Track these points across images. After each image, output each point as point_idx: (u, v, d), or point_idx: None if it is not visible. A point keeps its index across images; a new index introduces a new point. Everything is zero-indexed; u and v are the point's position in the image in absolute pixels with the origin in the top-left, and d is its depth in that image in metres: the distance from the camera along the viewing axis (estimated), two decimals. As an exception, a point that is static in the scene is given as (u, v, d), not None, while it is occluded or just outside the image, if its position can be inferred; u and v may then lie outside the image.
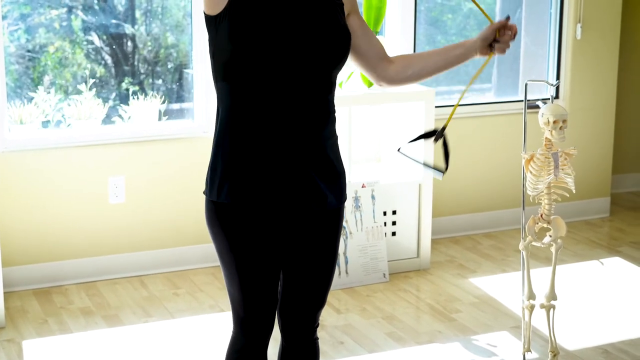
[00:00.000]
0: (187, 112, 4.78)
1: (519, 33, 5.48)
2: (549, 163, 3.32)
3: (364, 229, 4.52)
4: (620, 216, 5.72)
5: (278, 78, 2.33)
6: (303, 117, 2.37)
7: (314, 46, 2.35)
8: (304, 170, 2.40)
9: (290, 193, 2.39)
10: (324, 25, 2.38)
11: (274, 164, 2.37)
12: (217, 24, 2.35)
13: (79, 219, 4.50)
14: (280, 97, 2.34)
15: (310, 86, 2.37)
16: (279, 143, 2.36)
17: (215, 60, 2.39)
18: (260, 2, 2.33)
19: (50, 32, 4.55)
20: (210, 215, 2.45)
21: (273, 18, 2.32)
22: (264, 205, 2.38)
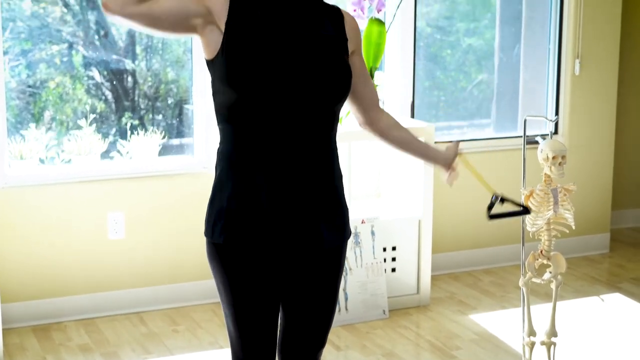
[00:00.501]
0: (187, 147, 4.79)
1: (519, 69, 5.50)
2: (549, 199, 3.32)
3: (363, 265, 4.51)
4: (620, 252, 5.71)
5: (278, 117, 2.32)
6: (305, 156, 2.36)
7: (314, 83, 2.33)
8: (306, 210, 2.38)
9: (290, 233, 2.38)
10: (324, 61, 2.36)
11: (276, 204, 2.35)
12: (214, 66, 2.35)
13: (78, 254, 4.49)
14: (281, 137, 2.33)
15: (311, 123, 2.36)
16: (281, 183, 2.35)
17: (216, 102, 2.39)
18: (256, 39, 2.32)
19: (51, 68, 4.57)
20: (210, 254, 2.44)
21: (270, 56, 2.30)
22: (264, 245, 2.37)
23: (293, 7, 2.37)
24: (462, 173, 3.11)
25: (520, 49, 5.51)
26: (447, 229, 5.22)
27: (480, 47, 5.50)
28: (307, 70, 2.33)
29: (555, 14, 5.45)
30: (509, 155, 5.32)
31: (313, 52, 2.36)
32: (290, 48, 2.33)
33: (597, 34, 5.46)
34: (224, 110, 2.36)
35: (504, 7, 5.47)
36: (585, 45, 5.43)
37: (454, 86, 5.50)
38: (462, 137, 5.37)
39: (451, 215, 5.22)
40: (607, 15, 5.48)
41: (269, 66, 2.29)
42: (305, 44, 2.36)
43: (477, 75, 5.54)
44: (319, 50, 2.37)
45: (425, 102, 5.33)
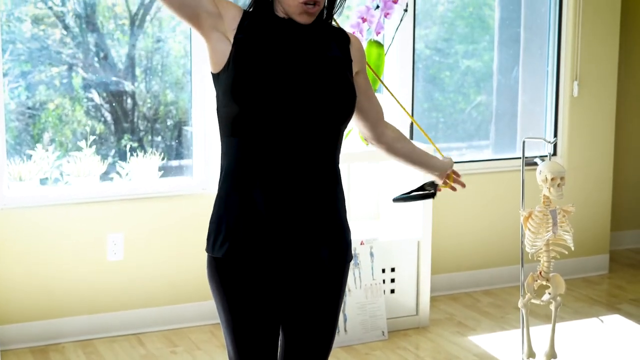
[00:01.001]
0: (186, 169, 4.79)
1: (517, 91, 5.52)
2: (548, 220, 3.33)
3: (362, 287, 4.50)
4: (619, 273, 5.71)
5: (281, 133, 2.33)
6: (307, 174, 2.37)
7: (318, 102, 2.34)
8: (306, 229, 2.39)
9: (290, 251, 2.38)
10: (329, 81, 2.38)
11: (277, 221, 2.36)
12: (220, 80, 2.36)
13: (77, 276, 4.49)
14: (284, 154, 2.34)
15: (314, 142, 2.37)
16: (282, 199, 2.35)
17: (220, 115, 2.40)
18: (262, 56, 2.34)
19: (50, 90, 4.58)
20: (210, 271, 2.43)
21: (275, 73, 2.32)
22: (264, 262, 2.37)
23: (301, 28, 2.40)
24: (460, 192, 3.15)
25: (518, 71, 5.53)
26: (446, 250, 5.22)
27: (479, 69, 5.51)
28: (311, 89, 2.34)
29: (553, 37, 5.47)
30: (507, 177, 5.32)
31: (318, 72, 2.38)
32: (296, 67, 2.35)
33: (595, 56, 5.48)
34: (228, 123, 2.37)
35: (502, 29, 5.49)
36: (583, 67, 5.45)
37: (453, 108, 5.51)
38: (461, 159, 5.38)
39: (450, 237, 5.22)
40: (605, 37, 5.50)
41: (274, 83, 2.31)
42: (311, 64, 2.38)
43: (475, 97, 5.55)
44: (324, 71, 2.39)
45: (424, 123, 5.34)
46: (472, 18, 5.50)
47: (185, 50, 4.75)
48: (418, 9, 5.14)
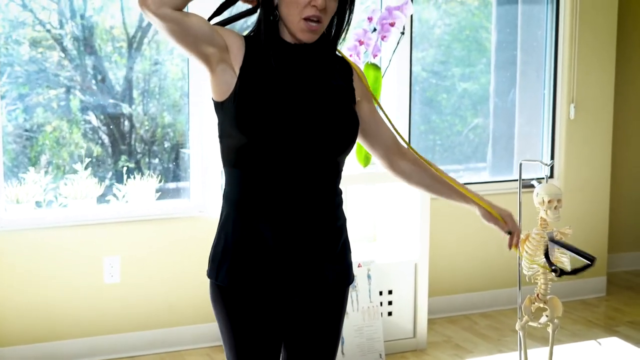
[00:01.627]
0: (183, 191, 4.80)
1: (514, 113, 5.53)
2: (545, 243, 3.33)
3: (360, 309, 4.49)
4: (616, 296, 5.70)
5: (285, 163, 2.33)
6: (311, 201, 2.37)
7: (322, 132, 2.35)
8: (310, 255, 2.39)
9: (294, 278, 2.39)
10: (333, 111, 2.39)
11: (281, 249, 2.36)
12: (224, 109, 2.35)
13: (73, 298, 4.48)
14: (288, 182, 2.34)
15: (317, 170, 2.37)
16: (286, 227, 2.36)
17: (223, 145, 2.40)
18: (268, 86, 2.33)
19: (48, 112, 4.59)
20: (214, 297, 2.44)
21: (281, 104, 2.32)
22: (268, 289, 2.37)
23: (306, 56, 2.41)
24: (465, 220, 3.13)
25: (515, 93, 5.54)
26: (443, 272, 5.21)
27: (476, 91, 5.53)
28: (316, 119, 2.35)
29: (549, 59, 5.49)
30: (504, 199, 5.30)
31: (323, 101, 2.38)
32: (301, 96, 2.36)
33: (592, 79, 5.50)
34: (232, 153, 2.37)
35: (498, 52, 5.51)
36: (580, 90, 5.47)
37: (450, 130, 5.52)
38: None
39: (447, 259, 5.22)
40: (601, 59, 5.52)
41: (280, 113, 2.31)
42: (316, 93, 2.38)
43: (472, 119, 5.56)
44: (329, 100, 2.40)
45: (421, 146, 5.35)
46: (469, 41, 5.52)
47: (182, 73, 4.76)
48: (415, 32, 5.16)
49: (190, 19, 2.30)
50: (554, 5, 5.45)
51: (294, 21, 2.35)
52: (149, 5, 2.25)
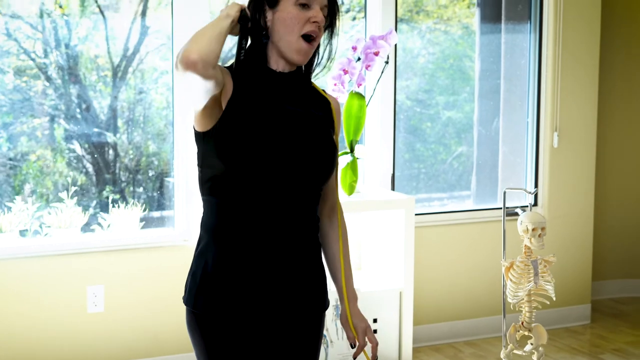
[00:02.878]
0: (167, 220, 4.79)
1: (498, 141, 5.55)
2: (529, 270, 3.33)
3: (345, 338, 4.48)
4: (601, 323, 5.71)
5: (265, 193, 2.34)
6: (289, 231, 2.39)
7: (302, 163, 2.37)
8: (288, 283, 2.41)
9: (272, 306, 2.39)
10: (315, 141, 2.41)
11: (258, 277, 2.37)
12: (206, 140, 2.36)
13: (56, 328, 4.45)
14: (267, 212, 2.35)
15: (297, 200, 2.39)
16: (264, 256, 2.37)
17: (204, 174, 2.40)
18: (252, 116, 2.35)
19: (32, 141, 4.58)
20: (191, 324, 2.43)
21: (264, 134, 2.33)
22: (246, 318, 2.37)
23: (288, 86, 2.43)
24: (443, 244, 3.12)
25: (499, 122, 5.57)
26: (428, 300, 5.21)
27: (460, 120, 5.55)
28: (297, 150, 2.37)
29: (533, 88, 5.52)
30: (489, 227, 5.34)
31: (304, 131, 2.41)
32: (283, 126, 2.37)
33: (575, 107, 5.54)
34: (212, 182, 2.37)
35: (482, 81, 5.54)
36: (563, 118, 5.50)
37: (434, 158, 5.54)
38: (443, 209, 5.40)
39: (432, 287, 5.22)
40: (584, 88, 5.56)
41: (263, 143, 2.32)
42: (298, 123, 2.40)
43: (456, 147, 5.58)
44: (310, 130, 2.42)
45: (406, 174, 5.36)
46: (453, 70, 5.55)
47: (167, 102, 4.76)
48: (399, 61, 5.19)
49: (217, 72, 2.29)
50: (536, 34, 5.49)
51: (292, 40, 2.38)
52: (197, 68, 2.20)
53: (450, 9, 5.50)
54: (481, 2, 5.51)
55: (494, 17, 5.51)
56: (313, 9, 2.38)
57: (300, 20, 2.37)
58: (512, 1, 5.51)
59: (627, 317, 5.82)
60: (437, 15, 5.47)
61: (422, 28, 5.42)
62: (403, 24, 5.28)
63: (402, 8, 5.27)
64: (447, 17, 5.49)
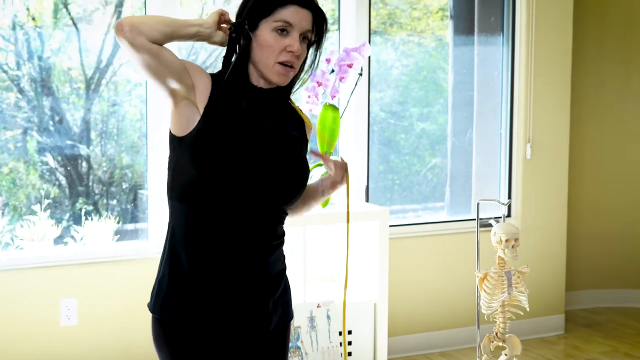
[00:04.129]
0: (141, 232, 4.77)
1: (471, 153, 5.57)
2: (503, 281, 3.34)
3: (319, 349, 4.48)
4: (575, 333, 5.73)
5: (235, 205, 2.34)
6: (256, 241, 2.40)
7: (274, 180, 2.37)
8: (253, 293, 2.41)
9: (237, 315, 2.40)
10: (289, 159, 2.42)
11: (224, 286, 2.37)
12: (182, 145, 2.36)
13: (29, 341, 4.42)
14: (235, 223, 2.36)
15: (266, 213, 2.40)
16: (230, 265, 2.37)
17: (175, 180, 2.39)
18: (231, 128, 2.35)
19: (4, 153, 4.55)
20: (155, 331, 2.44)
21: (241, 146, 2.34)
22: (211, 326, 2.38)
23: (267, 102, 2.44)
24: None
25: (472, 133, 5.60)
26: (402, 312, 5.21)
27: (434, 131, 5.57)
28: (270, 167, 2.37)
29: (506, 100, 5.55)
30: (462, 238, 5.35)
31: (280, 149, 2.41)
32: (260, 141, 2.38)
33: (548, 119, 5.57)
34: (183, 189, 2.36)
35: (455, 92, 5.57)
36: (536, 130, 5.53)
37: (408, 170, 5.55)
38: (417, 220, 5.41)
39: (406, 299, 5.22)
40: (557, 99, 5.60)
41: (239, 155, 2.33)
42: (274, 140, 2.41)
43: (430, 159, 5.60)
44: (286, 149, 2.43)
45: (380, 185, 5.37)
46: (427, 81, 5.58)
47: (141, 114, 4.75)
48: (373, 73, 5.20)
49: (164, 54, 2.32)
50: (509, 46, 5.52)
51: (269, 65, 2.38)
52: (125, 34, 2.26)
53: (424, 22, 5.53)
54: (454, 15, 5.54)
55: (466, 29, 5.54)
56: (291, 37, 2.37)
57: (276, 49, 2.37)
58: (485, 13, 5.54)
59: (601, 327, 5.85)
60: (411, 28, 5.49)
61: (396, 40, 5.44)
62: (377, 36, 5.30)
63: (375, 20, 5.29)
64: (420, 30, 5.52)
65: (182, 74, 2.34)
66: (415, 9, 5.48)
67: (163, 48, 2.32)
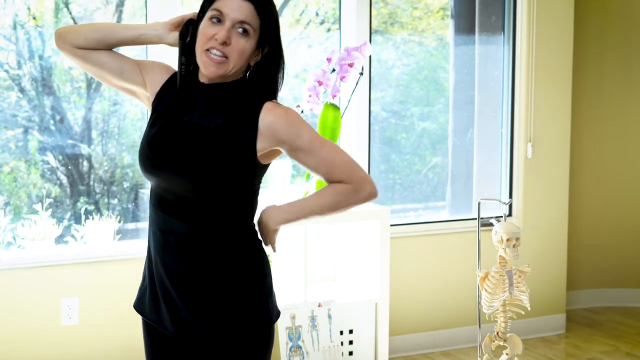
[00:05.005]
0: (142, 231, 4.77)
1: (472, 152, 5.57)
2: (504, 281, 3.35)
3: (320, 349, 4.48)
4: (576, 332, 5.73)
5: (157, 199, 2.44)
6: (159, 234, 2.43)
7: (173, 171, 2.37)
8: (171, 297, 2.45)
9: (159, 313, 2.49)
10: (188, 156, 2.36)
11: (152, 286, 2.49)
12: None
13: (31, 340, 4.42)
14: (159, 218, 2.44)
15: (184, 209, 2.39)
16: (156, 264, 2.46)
17: None
18: (149, 127, 2.46)
19: (5, 152, 4.55)
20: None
21: (143, 147, 2.44)
22: (149, 323, 2.55)
23: (205, 98, 2.42)
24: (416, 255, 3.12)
25: (473, 132, 5.59)
26: (403, 311, 5.21)
27: (435, 131, 5.57)
28: (166, 161, 2.38)
29: (507, 99, 5.55)
30: (464, 238, 5.35)
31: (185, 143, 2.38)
32: (163, 137, 2.41)
33: (549, 118, 5.57)
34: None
35: (457, 92, 5.57)
36: (537, 129, 5.53)
37: (409, 169, 5.55)
38: (418, 220, 5.41)
39: (407, 298, 5.22)
40: (558, 99, 5.59)
41: (141, 153, 2.43)
42: (182, 135, 2.39)
43: (431, 158, 5.60)
44: (194, 143, 2.37)
45: (381, 185, 5.37)
46: (427, 81, 5.57)
47: (142, 113, 4.75)
48: (374, 72, 5.20)
49: (96, 58, 2.48)
50: (510, 45, 5.52)
51: (199, 55, 2.39)
52: (55, 42, 2.53)
53: (425, 21, 5.52)
54: (455, 14, 5.54)
55: (467, 29, 5.54)
56: (221, 26, 2.36)
57: (205, 37, 2.38)
58: (486, 13, 5.54)
59: (602, 326, 5.84)
60: (412, 27, 5.49)
61: (397, 39, 5.44)
62: (377, 35, 5.30)
63: (376, 20, 5.29)
64: (421, 29, 5.51)
65: (127, 73, 2.48)
66: (416, 8, 5.48)
67: (95, 52, 2.48)
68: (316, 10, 5.19)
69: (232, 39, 2.36)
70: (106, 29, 2.49)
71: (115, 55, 2.49)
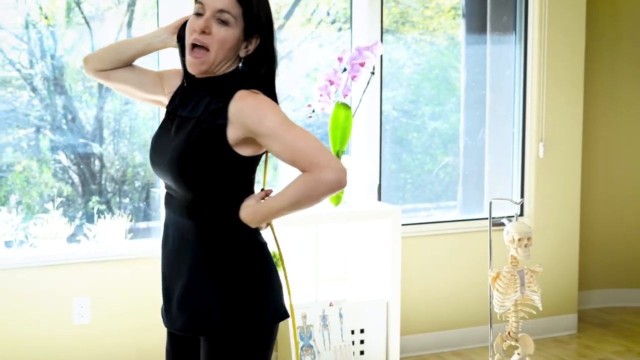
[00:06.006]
0: (153, 231, 4.77)
1: (484, 152, 5.56)
2: (515, 281, 3.34)
3: (332, 348, 4.48)
4: (588, 333, 5.72)
5: (165, 191, 2.51)
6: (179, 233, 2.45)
7: (164, 170, 2.43)
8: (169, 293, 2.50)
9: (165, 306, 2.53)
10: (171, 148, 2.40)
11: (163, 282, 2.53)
12: None
13: (42, 339, 4.43)
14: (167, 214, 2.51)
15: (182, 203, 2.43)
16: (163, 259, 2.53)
17: None
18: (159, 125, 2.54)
19: (17, 152, 4.57)
20: None
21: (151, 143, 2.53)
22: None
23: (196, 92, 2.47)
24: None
25: (484, 132, 5.58)
26: (414, 311, 5.21)
27: (446, 130, 5.56)
28: (158, 155, 2.45)
29: (518, 99, 5.54)
30: (475, 238, 5.34)
31: (173, 137, 2.43)
32: (162, 132, 2.50)
33: (560, 118, 5.56)
34: None
35: (468, 91, 5.56)
36: (548, 129, 5.52)
37: (421, 169, 5.54)
38: (429, 219, 5.40)
39: (418, 298, 5.22)
40: (569, 99, 5.58)
41: (150, 147, 2.53)
42: (173, 129, 2.45)
43: (443, 158, 5.59)
44: (178, 136, 2.41)
45: (392, 184, 5.37)
46: (439, 80, 5.57)
47: (153, 113, 4.76)
48: (385, 72, 5.20)
49: (120, 76, 2.58)
50: (522, 45, 5.51)
51: (187, 54, 2.42)
52: (84, 70, 2.64)
53: (436, 20, 5.52)
54: (466, 13, 5.53)
55: (479, 28, 5.53)
56: (202, 17, 2.38)
57: (189, 31, 2.41)
58: (497, 12, 5.53)
59: (614, 326, 5.83)
60: (423, 26, 5.48)
61: (408, 39, 5.43)
62: (389, 34, 5.30)
63: (387, 19, 5.28)
64: (432, 28, 5.51)
65: (152, 86, 2.57)
66: (427, 8, 5.48)
67: (115, 71, 2.57)
68: (327, 9, 5.19)
69: (213, 29, 2.35)
70: (118, 47, 2.59)
71: (136, 70, 2.59)
